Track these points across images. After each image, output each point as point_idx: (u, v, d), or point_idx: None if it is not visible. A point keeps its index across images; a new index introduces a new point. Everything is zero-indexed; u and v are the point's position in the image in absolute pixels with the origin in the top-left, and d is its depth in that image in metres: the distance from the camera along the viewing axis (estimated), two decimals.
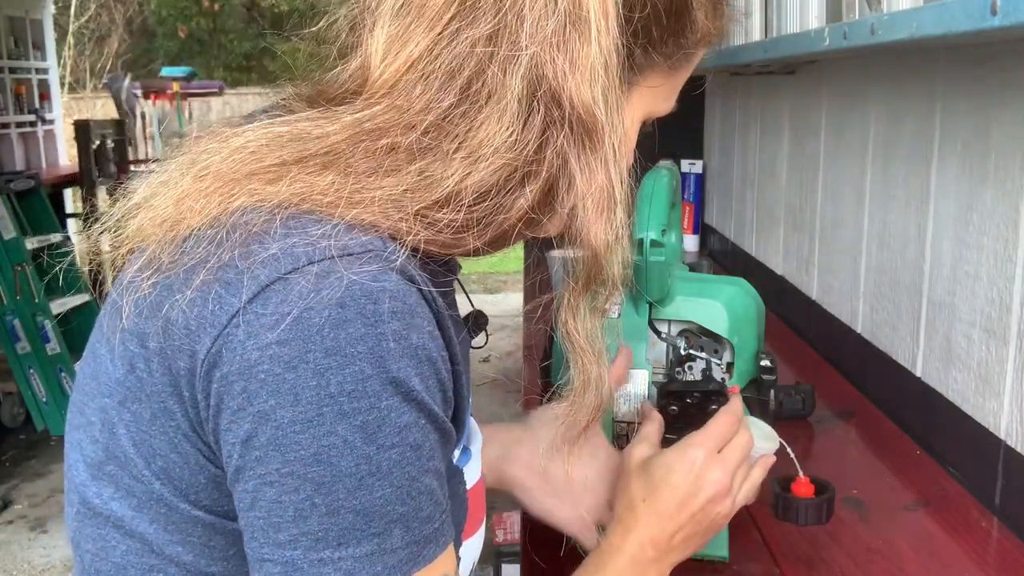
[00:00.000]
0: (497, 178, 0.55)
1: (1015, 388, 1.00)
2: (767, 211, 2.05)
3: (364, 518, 0.50)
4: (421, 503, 0.52)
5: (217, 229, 0.52)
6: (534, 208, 0.58)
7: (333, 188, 0.53)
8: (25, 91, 5.34)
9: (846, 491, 1.07)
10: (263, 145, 0.55)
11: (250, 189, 0.54)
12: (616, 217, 0.58)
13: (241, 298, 0.50)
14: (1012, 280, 1.00)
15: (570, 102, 0.55)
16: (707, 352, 0.91)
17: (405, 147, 0.55)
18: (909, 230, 1.28)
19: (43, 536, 3.16)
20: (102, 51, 12.57)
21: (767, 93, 2.06)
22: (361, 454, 0.49)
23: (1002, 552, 0.95)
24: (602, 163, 0.57)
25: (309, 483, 0.49)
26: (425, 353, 0.52)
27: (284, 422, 0.49)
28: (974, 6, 0.78)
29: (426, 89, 0.55)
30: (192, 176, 0.55)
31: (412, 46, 0.55)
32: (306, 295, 0.49)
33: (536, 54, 0.54)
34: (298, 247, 0.51)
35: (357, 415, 0.49)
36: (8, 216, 3.77)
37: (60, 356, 3.87)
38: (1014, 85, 1.00)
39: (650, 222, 0.90)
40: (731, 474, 0.75)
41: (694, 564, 0.92)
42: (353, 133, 0.55)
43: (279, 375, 0.49)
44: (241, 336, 0.49)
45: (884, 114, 1.38)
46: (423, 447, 0.52)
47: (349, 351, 0.49)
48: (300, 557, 0.50)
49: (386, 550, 0.51)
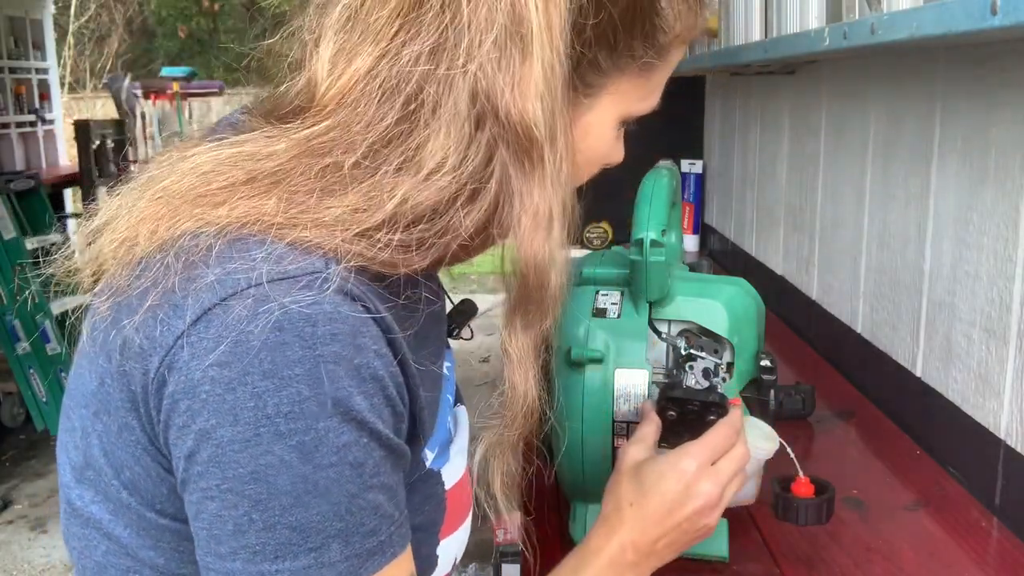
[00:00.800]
0: (441, 195, 0.55)
1: (1015, 388, 1.00)
2: (767, 211, 2.05)
3: (301, 534, 0.51)
4: (362, 518, 0.53)
5: (164, 253, 0.53)
6: (486, 224, 0.57)
7: (277, 210, 0.54)
8: (25, 91, 5.34)
9: (846, 491, 1.07)
10: (212, 168, 0.56)
11: (196, 213, 0.54)
12: (552, 236, 0.58)
13: (185, 321, 0.51)
14: (1012, 280, 1.00)
15: (508, 119, 0.55)
16: (707, 352, 0.91)
17: (348, 166, 0.55)
18: (909, 230, 1.28)
19: (43, 536, 3.16)
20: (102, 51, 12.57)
21: (767, 93, 2.06)
22: (297, 473, 0.50)
23: (1002, 552, 0.95)
24: (538, 181, 0.57)
25: (247, 499, 0.51)
26: (369, 372, 0.53)
27: (223, 441, 0.50)
28: (974, 6, 0.78)
29: (368, 106, 0.55)
30: (147, 198, 0.56)
31: (358, 62, 0.56)
32: (244, 319, 0.50)
33: (477, 70, 0.54)
34: (238, 271, 0.52)
35: (293, 435, 0.50)
36: (8, 216, 3.77)
37: (60, 356, 3.87)
38: (1014, 85, 1.00)
39: (650, 222, 0.90)
40: (722, 487, 0.75)
41: (694, 564, 0.93)
42: (298, 152, 0.56)
43: (219, 396, 0.50)
44: (185, 357, 0.51)
45: (884, 114, 1.38)
46: (365, 464, 0.53)
47: (286, 373, 0.50)
48: (239, 569, 0.52)
49: (324, 563, 0.52)
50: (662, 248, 0.89)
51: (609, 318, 0.93)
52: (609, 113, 0.65)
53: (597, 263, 0.99)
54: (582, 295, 0.96)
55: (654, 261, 0.89)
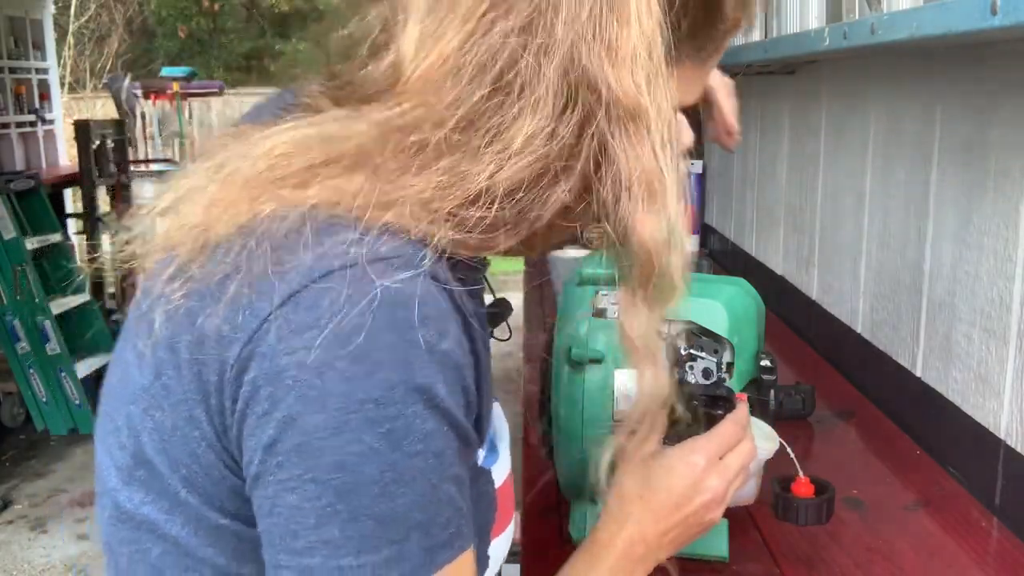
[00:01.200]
0: (531, 172, 0.53)
1: (1015, 388, 1.00)
2: (767, 211, 2.05)
3: (384, 525, 0.50)
4: (440, 509, 0.52)
5: (247, 237, 0.52)
6: (572, 205, 0.55)
7: (362, 191, 0.52)
8: (25, 91, 5.33)
9: (846, 491, 1.07)
10: (290, 149, 0.54)
11: (279, 195, 0.53)
12: (668, 206, 0.55)
13: (272, 304, 0.50)
14: (1012, 280, 1.00)
15: (608, 89, 0.53)
16: (707, 352, 0.91)
17: (434, 144, 0.53)
18: (909, 230, 1.28)
19: (43, 536, 3.16)
20: (102, 51, 12.57)
21: (767, 93, 2.06)
22: (386, 461, 0.49)
23: (1002, 552, 0.95)
24: (649, 149, 0.54)
25: (331, 490, 0.49)
26: (452, 360, 0.52)
27: (310, 428, 0.49)
28: (974, 6, 0.78)
29: (456, 83, 0.53)
30: (219, 182, 0.55)
31: (445, 42, 0.53)
32: (336, 301, 0.49)
33: (573, 42, 0.52)
34: (328, 253, 0.50)
35: (384, 422, 0.49)
36: (8, 216, 3.77)
37: (60, 356, 3.87)
38: (1014, 85, 1.00)
39: None
40: (728, 483, 0.75)
41: (694, 564, 0.93)
42: (382, 132, 0.54)
43: (307, 381, 0.48)
44: (271, 341, 0.49)
45: (884, 114, 1.38)
46: (445, 454, 0.52)
47: (377, 358, 0.49)
48: (318, 565, 0.50)
49: (403, 557, 0.51)
50: None
51: (609, 318, 0.93)
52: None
53: (597, 263, 0.99)
54: (582, 295, 0.96)
55: None
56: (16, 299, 3.78)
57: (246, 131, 0.57)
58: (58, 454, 3.82)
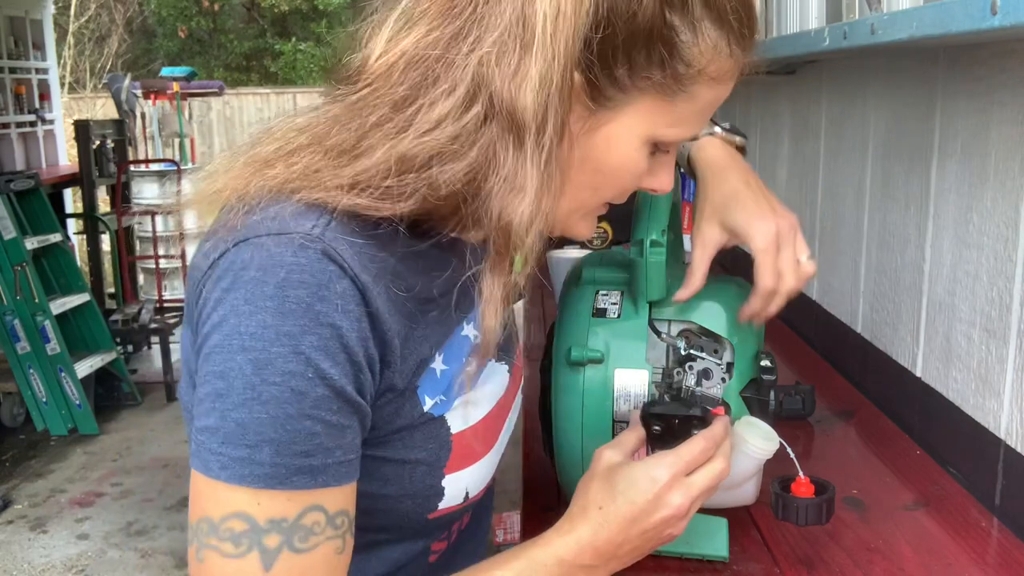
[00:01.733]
0: (427, 152, 0.66)
1: (1015, 388, 1.00)
2: None
3: (243, 429, 0.64)
4: (295, 438, 0.65)
5: (236, 203, 0.69)
6: (460, 188, 0.68)
7: (301, 171, 0.69)
8: (25, 91, 5.33)
9: (846, 491, 1.07)
10: (281, 135, 0.71)
11: (263, 173, 0.70)
12: (524, 202, 0.68)
13: (218, 252, 0.68)
14: (1012, 280, 1.00)
15: (500, 103, 0.66)
16: (707, 352, 0.91)
17: (368, 126, 0.68)
18: (909, 230, 1.28)
19: (43, 536, 3.16)
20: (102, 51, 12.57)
21: (767, 93, 2.06)
22: (249, 382, 0.64)
23: (1002, 552, 0.95)
24: (520, 158, 0.67)
25: (214, 391, 0.65)
26: (327, 320, 0.65)
27: (212, 343, 0.66)
28: (974, 6, 0.78)
29: (394, 77, 0.68)
30: (242, 161, 0.72)
31: (403, 44, 0.68)
32: (245, 259, 0.66)
33: (484, 56, 0.66)
34: (254, 224, 0.67)
35: (253, 352, 0.64)
36: (8, 216, 3.77)
37: (60, 356, 3.87)
38: (1014, 85, 1.00)
39: (650, 222, 0.90)
40: (692, 499, 0.76)
41: (694, 564, 0.93)
42: (336, 115, 0.70)
43: (217, 311, 0.66)
44: (212, 278, 0.68)
45: (884, 114, 1.38)
46: (307, 395, 0.65)
47: (260, 304, 0.64)
48: (203, 440, 0.66)
49: (254, 461, 0.64)
50: (662, 248, 0.89)
51: (609, 318, 0.93)
52: (633, 129, 0.73)
53: (597, 263, 0.99)
54: (582, 295, 0.96)
55: (654, 261, 0.89)
56: (16, 299, 3.78)
57: (276, 122, 0.75)
58: (58, 454, 3.83)
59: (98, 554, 3.04)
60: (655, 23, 0.68)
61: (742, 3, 0.72)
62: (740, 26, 0.72)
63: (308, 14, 13.82)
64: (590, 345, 0.91)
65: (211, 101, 9.90)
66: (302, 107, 0.75)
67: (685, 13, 0.69)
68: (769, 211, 0.91)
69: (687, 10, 0.69)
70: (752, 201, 0.92)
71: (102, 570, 2.94)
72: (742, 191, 0.93)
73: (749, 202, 0.92)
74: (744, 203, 0.92)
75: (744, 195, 0.93)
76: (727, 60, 0.73)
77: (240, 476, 0.65)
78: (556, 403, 0.93)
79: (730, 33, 0.72)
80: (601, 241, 2.37)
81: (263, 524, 0.65)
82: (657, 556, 0.93)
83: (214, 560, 0.65)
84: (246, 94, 10.96)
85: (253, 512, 0.65)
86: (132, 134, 5.61)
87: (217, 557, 0.65)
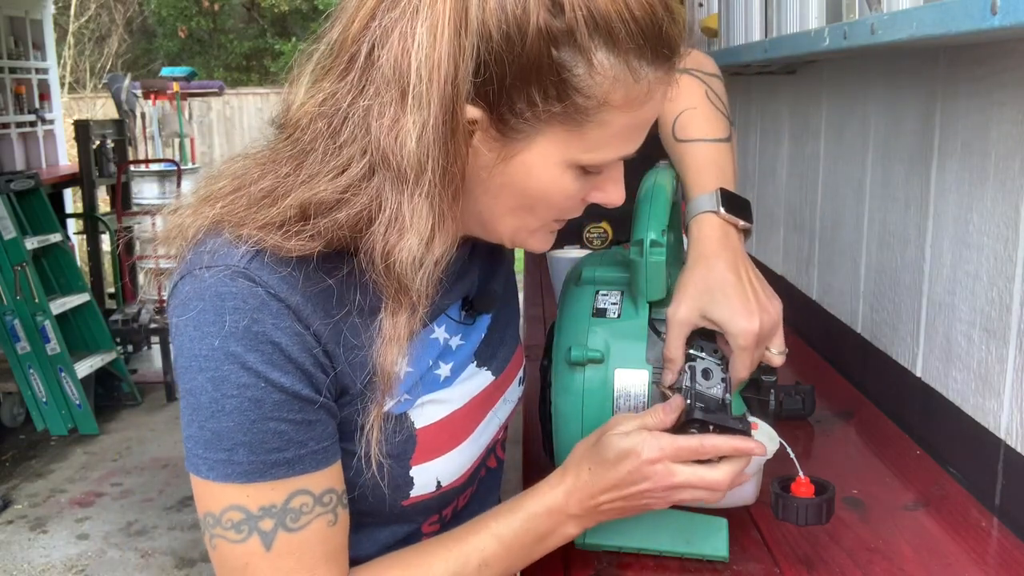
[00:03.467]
0: (329, 199, 0.72)
1: (1015, 388, 1.00)
2: (767, 211, 2.06)
3: (218, 436, 0.74)
4: (265, 438, 0.74)
5: (187, 239, 0.77)
6: (355, 226, 0.73)
7: (231, 211, 0.75)
8: (25, 91, 5.33)
9: (846, 491, 1.07)
10: (229, 178, 0.78)
11: (202, 212, 0.76)
12: (407, 239, 0.72)
13: (171, 286, 0.77)
14: (1012, 280, 1.00)
15: (382, 151, 0.71)
16: (707, 352, 0.91)
17: (281, 175, 0.74)
18: (909, 230, 1.28)
19: (43, 536, 3.16)
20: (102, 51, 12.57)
21: (767, 93, 2.06)
22: (211, 396, 0.73)
23: (1002, 552, 0.95)
24: (406, 202, 0.72)
25: (189, 407, 0.75)
26: (265, 337, 0.72)
27: (177, 365, 0.75)
28: (974, 6, 0.78)
29: (306, 130, 0.74)
30: (198, 198, 0.79)
31: (316, 97, 0.74)
32: (188, 291, 0.74)
33: (366, 111, 0.71)
34: (194, 258, 0.75)
35: (207, 371, 0.73)
36: (8, 216, 3.77)
37: (60, 356, 3.87)
38: (1014, 85, 1.00)
39: (650, 222, 0.90)
40: (671, 486, 0.80)
41: (694, 564, 0.93)
42: (264, 162, 0.77)
43: (177, 337, 0.75)
44: (170, 308, 0.77)
45: (884, 114, 1.38)
46: (264, 402, 0.73)
47: (205, 330, 0.72)
48: (189, 448, 0.76)
49: (233, 461, 0.74)
50: (662, 248, 0.89)
51: (609, 318, 0.93)
52: (548, 157, 0.75)
53: (597, 263, 0.99)
54: (582, 295, 0.96)
55: (654, 261, 0.89)
56: (16, 299, 3.78)
57: (223, 164, 0.81)
58: (58, 454, 3.83)
59: (98, 554, 3.04)
60: (542, 61, 0.69)
61: (645, 22, 0.70)
62: (645, 47, 0.71)
63: (308, 14, 13.82)
64: (590, 345, 0.91)
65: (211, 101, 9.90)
66: (244, 149, 0.82)
67: (574, 46, 0.69)
68: (754, 307, 0.87)
69: (575, 43, 0.69)
70: (737, 296, 0.87)
71: (102, 570, 2.94)
72: (729, 282, 0.88)
73: (734, 297, 0.87)
74: (728, 297, 0.87)
75: (730, 288, 0.88)
76: (635, 86, 0.72)
77: (225, 475, 0.74)
78: (556, 403, 0.93)
79: (632, 58, 0.71)
80: (601, 241, 2.37)
81: (256, 512, 0.75)
82: (657, 556, 0.94)
83: (223, 547, 0.76)
84: (246, 94, 10.96)
85: (245, 503, 0.75)
86: (132, 134, 5.61)
87: (225, 544, 0.76)
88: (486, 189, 0.77)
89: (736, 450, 0.80)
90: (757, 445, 0.81)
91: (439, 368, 0.88)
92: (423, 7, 0.69)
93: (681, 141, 0.98)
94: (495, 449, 1.02)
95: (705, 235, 0.92)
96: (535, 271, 2.36)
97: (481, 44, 0.69)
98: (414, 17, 0.69)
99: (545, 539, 0.83)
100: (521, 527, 0.82)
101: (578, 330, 0.93)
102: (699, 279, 0.89)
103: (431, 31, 0.68)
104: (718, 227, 0.92)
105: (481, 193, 0.78)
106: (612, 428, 0.82)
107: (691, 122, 0.98)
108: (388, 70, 0.70)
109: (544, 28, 0.68)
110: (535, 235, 0.83)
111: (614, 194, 0.81)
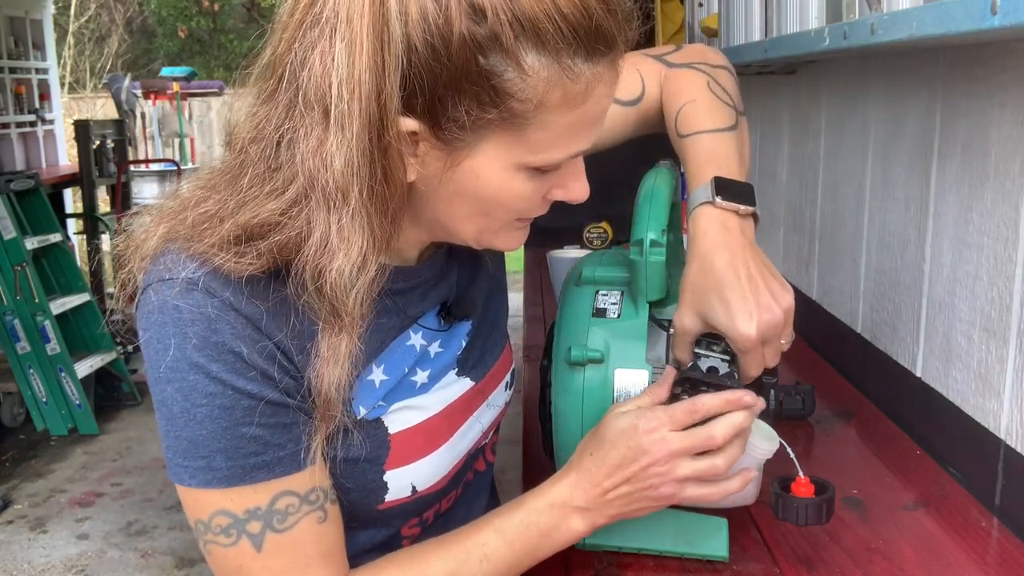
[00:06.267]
0: (267, 222, 0.72)
1: (1015, 388, 1.00)
2: (767, 211, 2.06)
3: (194, 445, 0.75)
4: (240, 443, 0.74)
5: (148, 254, 0.78)
6: (296, 248, 0.73)
7: (185, 229, 0.75)
8: (25, 91, 5.33)
9: (846, 491, 1.07)
10: (186, 198, 0.79)
11: (161, 227, 0.77)
12: (337, 259, 0.72)
13: (137, 300, 0.77)
14: (1012, 280, 1.00)
15: (309, 173, 0.71)
16: (715, 351, 0.91)
17: (227, 196, 0.75)
18: (909, 230, 1.28)
19: (43, 536, 3.16)
20: (102, 51, 12.57)
21: (767, 93, 2.06)
22: (182, 406, 0.74)
23: (1002, 552, 0.95)
24: (335, 221, 0.71)
25: (163, 417, 0.76)
26: (226, 347, 0.73)
27: (148, 377, 0.76)
28: (974, 6, 0.78)
29: (247, 153, 0.75)
30: (162, 212, 0.80)
31: (252, 120, 0.76)
32: (149, 305, 0.75)
33: (292, 135, 0.72)
34: (152, 273, 0.76)
35: (174, 382, 0.73)
36: (8, 216, 3.77)
37: (60, 356, 3.87)
38: (1014, 85, 1.00)
39: (650, 222, 0.90)
40: (670, 453, 0.79)
41: (694, 564, 0.93)
42: (215, 183, 0.78)
43: (144, 350, 0.76)
44: (136, 320, 0.77)
45: (884, 114, 1.38)
46: (234, 408, 0.74)
47: (167, 342, 0.73)
48: (169, 458, 0.77)
49: (212, 467, 0.75)
50: (662, 248, 0.89)
51: (609, 318, 0.93)
52: (494, 161, 0.74)
53: (597, 263, 0.99)
54: (582, 295, 0.96)
55: (654, 261, 0.89)
56: (16, 299, 3.78)
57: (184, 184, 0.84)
58: (58, 454, 3.83)
59: (98, 554, 3.04)
60: (469, 69, 0.68)
61: (575, 17, 0.68)
62: (577, 44, 0.69)
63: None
64: (590, 345, 0.91)
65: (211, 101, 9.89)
66: (201, 171, 0.84)
67: (501, 51, 0.68)
68: (753, 308, 0.82)
69: (501, 48, 0.68)
70: (735, 298, 0.82)
71: (102, 570, 2.94)
72: (727, 283, 0.83)
73: (731, 299, 0.82)
74: (725, 300, 0.83)
75: (727, 289, 0.83)
76: (572, 84, 0.70)
77: (206, 481, 0.75)
78: (556, 403, 0.93)
79: (565, 57, 0.69)
80: (601, 241, 2.37)
81: (242, 515, 0.76)
82: (657, 556, 0.94)
83: (217, 552, 0.78)
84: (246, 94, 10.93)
85: (230, 507, 0.76)
86: (132, 134, 5.62)
87: (218, 549, 0.77)
88: (439, 197, 0.77)
89: (729, 403, 0.80)
90: (748, 394, 0.81)
91: (415, 375, 0.88)
92: (340, 25, 0.68)
93: (683, 136, 0.96)
94: (483, 452, 1.02)
95: (702, 230, 0.87)
96: (535, 271, 2.36)
97: (406, 57, 0.67)
98: (333, 36, 0.68)
99: (549, 534, 0.83)
100: (523, 521, 0.82)
101: (578, 330, 0.93)
102: (697, 278, 0.86)
103: (349, 49, 0.67)
104: (716, 219, 0.87)
105: (436, 201, 0.77)
106: (610, 412, 0.84)
107: (691, 115, 0.96)
108: (311, 92, 0.70)
109: (468, 36, 0.67)
110: (499, 235, 0.82)
111: (576, 190, 0.80)
